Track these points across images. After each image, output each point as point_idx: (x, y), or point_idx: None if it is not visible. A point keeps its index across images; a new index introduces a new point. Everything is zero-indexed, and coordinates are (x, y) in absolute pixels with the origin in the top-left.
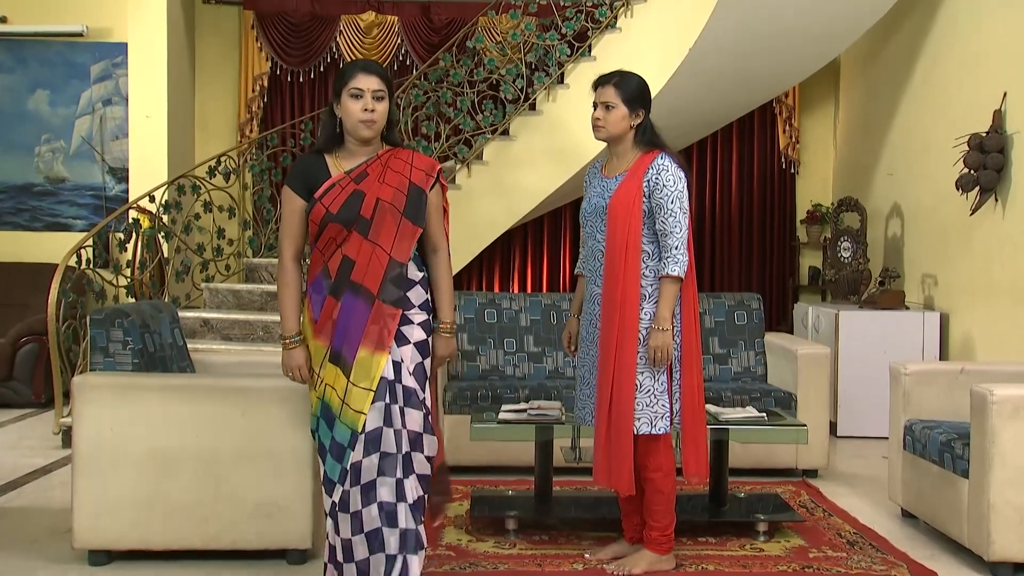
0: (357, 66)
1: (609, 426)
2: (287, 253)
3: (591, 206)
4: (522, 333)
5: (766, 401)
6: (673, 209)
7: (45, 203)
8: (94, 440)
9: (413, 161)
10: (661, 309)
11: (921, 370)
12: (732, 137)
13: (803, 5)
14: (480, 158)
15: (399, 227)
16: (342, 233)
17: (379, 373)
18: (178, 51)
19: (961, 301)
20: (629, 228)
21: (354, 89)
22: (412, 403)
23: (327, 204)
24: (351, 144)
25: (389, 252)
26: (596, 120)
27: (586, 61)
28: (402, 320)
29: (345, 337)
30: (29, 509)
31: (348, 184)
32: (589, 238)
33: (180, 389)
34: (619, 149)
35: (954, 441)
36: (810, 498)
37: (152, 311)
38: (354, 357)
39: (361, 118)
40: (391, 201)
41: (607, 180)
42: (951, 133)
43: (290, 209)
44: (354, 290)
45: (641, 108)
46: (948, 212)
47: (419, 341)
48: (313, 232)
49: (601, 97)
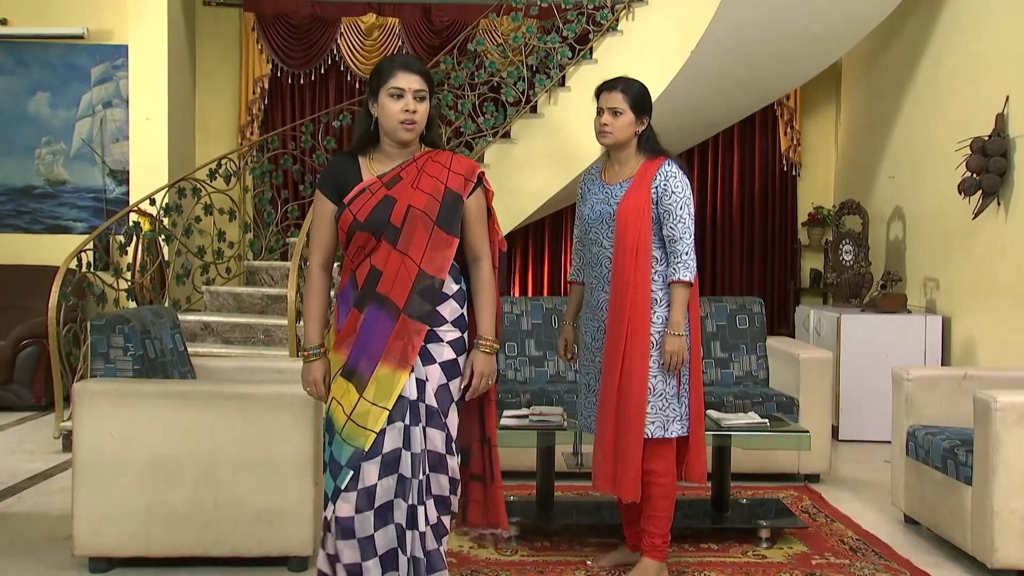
0: (396, 63)
1: (616, 432)
2: (315, 260)
3: (594, 213)
4: (523, 337)
5: (768, 406)
6: (682, 215)
7: (45, 205)
8: (95, 447)
9: (452, 164)
10: (674, 314)
11: (924, 376)
12: (733, 139)
13: (805, 8)
14: (481, 161)
15: (431, 236)
16: (371, 242)
17: (398, 391)
18: (179, 53)
19: (963, 305)
20: (640, 234)
21: (394, 88)
22: (434, 423)
23: (355, 211)
24: (387, 146)
25: (419, 263)
26: (603, 126)
27: (587, 64)
28: (430, 337)
29: (364, 351)
30: (29, 515)
31: (379, 189)
32: (593, 244)
33: (181, 396)
34: (622, 155)
35: (957, 448)
36: (812, 503)
37: (153, 316)
38: (372, 373)
39: (401, 119)
40: (423, 208)
41: (610, 187)
42: (953, 136)
43: (320, 213)
44: (379, 302)
45: (645, 115)
46: (950, 215)
47: (447, 361)
48: (342, 240)
49: (608, 103)
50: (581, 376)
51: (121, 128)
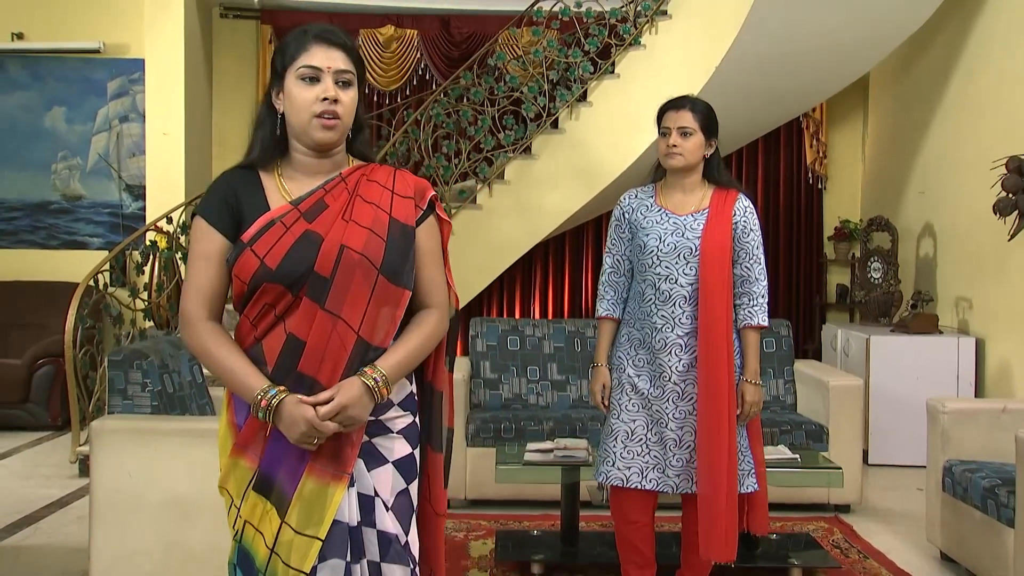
0: (310, 33)
1: (728, 492)
2: (195, 311)
3: (666, 246)
4: (545, 361)
5: (796, 435)
6: (759, 256)
7: (62, 221)
8: (112, 486)
9: (395, 185)
10: (752, 361)
11: (960, 408)
12: (758, 151)
13: (834, 22)
14: (502, 177)
15: (374, 290)
16: (285, 298)
17: (332, 513)
18: (195, 67)
19: (998, 326)
20: (724, 272)
21: (306, 68)
22: (392, 556)
23: (261, 253)
24: (300, 155)
25: (357, 329)
26: (672, 147)
27: (609, 79)
28: (374, 428)
29: (283, 457)
30: (45, 548)
31: (296, 221)
32: (663, 280)
33: (200, 434)
34: (687, 181)
35: (998, 487)
36: (844, 537)
37: (171, 349)
38: (295, 488)
39: (317, 111)
40: (362, 250)
41: (680, 217)
42: (986, 153)
43: (202, 251)
44: (301, 386)
45: (714, 137)
46: (984, 235)
47: (402, 458)
48: (239, 292)
49: (677, 122)
50: (620, 423)
51: (138, 143)
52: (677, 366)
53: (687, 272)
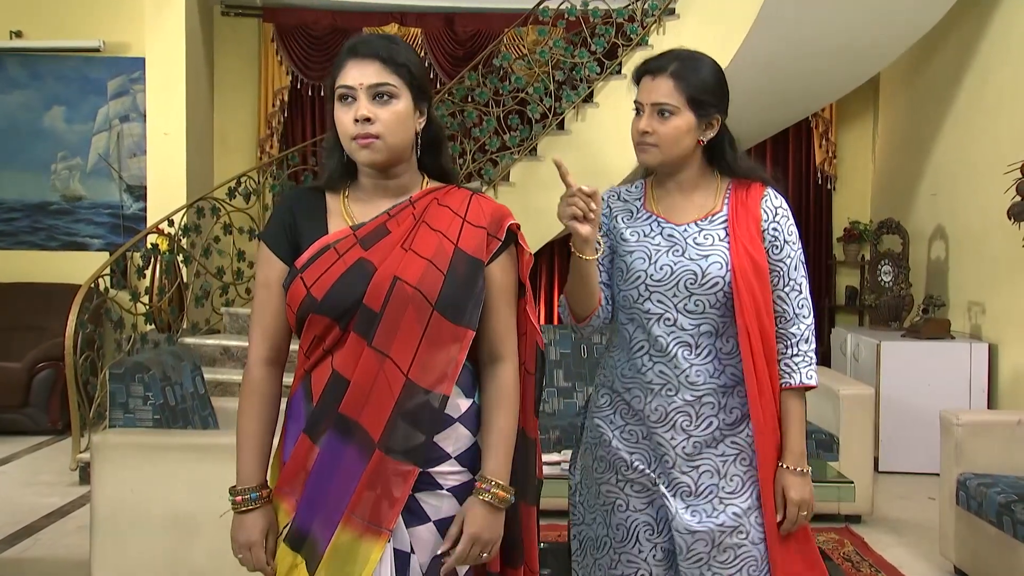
0: (345, 49)
1: None
2: (257, 351)
3: (659, 270)
4: (552, 367)
5: (807, 444)
6: (800, 281)
7: (61, 222)
8: (114, 501)
9: (468, 212)
10: (797, 441)
11: (974, 420)
12: (766, 151)
13: (845, 23)
14: (507, 179)
15: (427, 327)
16: (333, 332)
17: (366, 571)
18: (196, 66)
19: (1011, 332)
20: (764, 306)
21: (341, 88)
22: None
23: (310, 282)
24: (364, 178)
25: (406, 372)
26: (643, 135)
27: (616, 79)
28: (422, 483)
29: (319, 505)
30: (45, 560)
31: (351, 248)
32: (654, 322)
33: (202, 448)
34: (682, 178)
35: (1014, 504)
36: (855, 549)
37: (173, 361)
38: (329, 541)
39: (352, 134)
40: (416, 284)
41: (678, 227)
42: (1000, 155)
43: (263, 279)
44: (343, 429)
45: (716, 112)
46: (998, 239)
47: (446, 519)
48: (291, 321)
49: (651, 96)
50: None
51: (138, 142)
52: (684, 446)
53: (688, 311)
